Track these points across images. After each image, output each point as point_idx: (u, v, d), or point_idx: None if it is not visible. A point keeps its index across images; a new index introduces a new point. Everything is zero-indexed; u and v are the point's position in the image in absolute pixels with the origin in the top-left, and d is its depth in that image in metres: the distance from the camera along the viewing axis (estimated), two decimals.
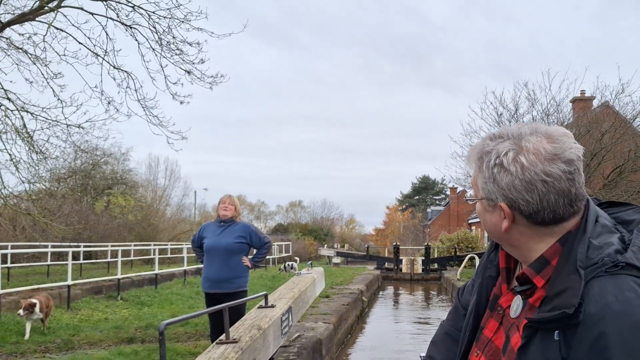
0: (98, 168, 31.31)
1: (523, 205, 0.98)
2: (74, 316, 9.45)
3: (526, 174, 0.97)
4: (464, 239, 31.66)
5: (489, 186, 1.02)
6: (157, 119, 12.41)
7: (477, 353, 1.11)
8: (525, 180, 0.98)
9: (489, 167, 1.02)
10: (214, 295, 5.46)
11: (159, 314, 9.57)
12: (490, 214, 1.06)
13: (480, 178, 1.04)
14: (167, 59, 12.03)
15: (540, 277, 0.99)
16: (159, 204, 37.53)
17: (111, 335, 7.71)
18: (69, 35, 11.92)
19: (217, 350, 4.01)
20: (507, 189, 0.99)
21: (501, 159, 1.00)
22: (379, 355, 9.91)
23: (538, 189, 0.97)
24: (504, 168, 0.99)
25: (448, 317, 1.37)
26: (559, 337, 0.90)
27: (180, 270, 18.33)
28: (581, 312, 0.87)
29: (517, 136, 1.01)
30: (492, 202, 1.03)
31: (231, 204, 5.55)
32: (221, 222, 5.52)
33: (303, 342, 7.51)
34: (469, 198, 1.18)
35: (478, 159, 1.05)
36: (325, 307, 10.98)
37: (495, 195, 1.01)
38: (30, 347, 7.02)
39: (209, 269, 5.50)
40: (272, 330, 4.98)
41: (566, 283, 0.92)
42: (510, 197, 0.99)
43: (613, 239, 0.97)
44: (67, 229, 13.06)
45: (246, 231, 5.53)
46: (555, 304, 0.91)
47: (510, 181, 0.99)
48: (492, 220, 1.05)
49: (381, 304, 18.55)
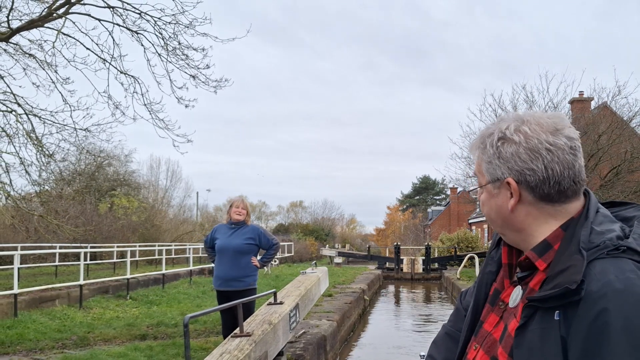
0: (102, 170, 31.62)
1: (529, 176, 1.00)
2: (86, 315, 9.78)
3: (530, 141, 1.00)
4: (464, 238, 31.98)
5: (494, 163, 1.04)
6: (163, 122, 12.70)
7: (475, 347, 1.12)
8: (529, 148, 1.00)
9: (493, 144, 1.04)
10: (225, 293, 5.77)
11: (168, 312, 9.90)
12: (495, 198, 1.06)
13: (485, 160, 1.06)
14: (173, 64, 12.32)
15: (542, 260, 1.00)
16: (161, 204, 37.82)
17: (124, 332, 8.05)
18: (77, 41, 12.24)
19: (232, 342, 4.33)
20: (513, 159, 1.01)
21: (504, 132, 1.03)
22: (381, 351, 10.24)
23: (543, 157, 0.99)
24: (507, 139, 1.02)
25: (449, 319, 1.38)
26: (559, 316, 0.90)
27: (184, 270, 18.70)
28: (583, 289, 0.88)
29: (516, 116, 1.05)
30: (497, 183, 1.04)
31: (244, 208, 5.87)
32: (232, 224, 5.84)
33: (308, 338, 7.84)
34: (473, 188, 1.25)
35: (481, 143, 1.07)
36: (328, 305, 11.30)
37: (500, 171, 1.03)
38: (48, 344, 7.34)
39: (220, 268, 5.81)
40: (281, 326, 5.30)
41: (568, 262, 0.93)
42: (516, 170, 1.01)
43: (614, 226, 0.98)
44: (78, 230, 13.38)
45: (255, 233, 5.85)
46: (557, 281, 0.92)
47: (514, 151, 1.01)
48: (498, 202, 1.05)
49: (383, 302, 18.88)
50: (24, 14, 12.35)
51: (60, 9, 12.03)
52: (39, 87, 12.63)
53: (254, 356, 4.32)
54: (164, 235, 32.13)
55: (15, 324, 8.36)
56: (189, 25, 12.03)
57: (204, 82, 12.49)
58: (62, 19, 12.11)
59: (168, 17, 11.86)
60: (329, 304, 11.47)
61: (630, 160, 17.01)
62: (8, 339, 7.44)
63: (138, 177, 36.58)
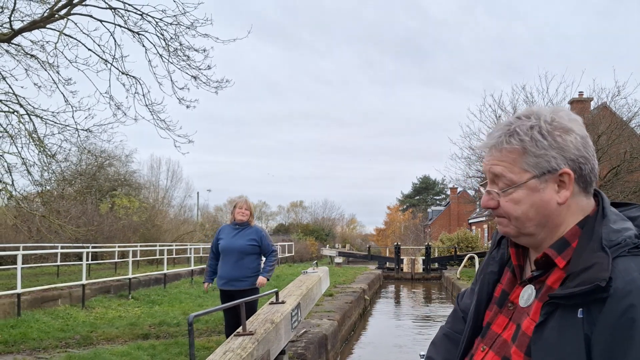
0: (102, 170, 31.69)
1: (583, 164, 1.00)
2: (89, 314, 9.85)
3: (581, 129, 1.01)
4: (464, 238, 32.06)
5: (549, 155, 1.00)
6: (164, 123, 12.75)
7: (482, 348, 1.10)
8: (581, 136, 1.01)
9: (545, 135, 1.00)
10: (229, 292, 5.85)
11: (170, 312, 9.97)
12: (540, 193, 1.02)
13: (532, 153, 1.01)
14: (174, 65, 12.36)
15: (561, 257, 1.00)
16: (161, 205, 37.90)
17: (127, 332, 8.11)
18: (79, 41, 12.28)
19: (235, 341, 4.40)
20: (567, 148, 0.99)
21: (558, 121, 1.01)
22: (381, 350, 10.30)
23: (589, 145, 1.01)
24: (564, 128, 1.00)
25: (447, 320, 1.38)
26: (583, 314, 0.90)
27: (185, 270, 18.79)
28: (611, 287, 0.88)
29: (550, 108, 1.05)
30: (546, 176, 1.01)
31: (247, 208, 5.98)
32: (236, 224, 5.92)
33: (310, 337, 7.90)
34: (506, 188, 1.04)
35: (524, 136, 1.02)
36: (329, 305, 11.36)
37: (556, 162, 1.00)
38: (52, 343, 7.40)
39: (224, 268, 5.89)
40: (283, 325, 5.36)
41: (593, 260, 0.93)
42: (572, 159, 0.99)
43: (628, 224, 0.99)
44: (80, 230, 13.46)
45: (258, 235, 5.94)
46: (583, 279, 0.91)
47: (573, 139, 1.00)
48: (545, 198, 1.02)
49: (383, 302, 18.95)
50: (26, 14, 12.40)
51: (62, 10, 12.09)
52: (40, 87, 12.67)
53: (256, 354, 4.38)
54: (165, 235, 32.21)
55: (18, 323, 8.42)
56: (190, 27, 12.08)
57: (205, 83, 12.52)
58: (63, 20, 12.16)
59: (169, 18, 11.91)
60: (330, 304, 11.53)
61: (630, 160, 17.08)
62: (12, 338, 7.50)
63: (139, 177, 36.70)
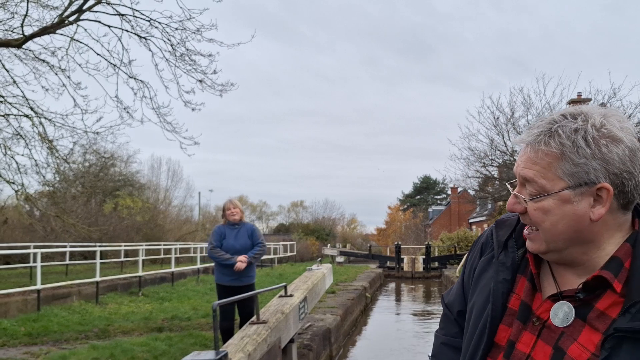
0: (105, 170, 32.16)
1: (627, 180, 0.89)
2: (103, 310, 10.33)
3: (632, 140, 0.90)
4: (464, 238, 32.57)
5: (589, 165, 0.89)
6: (170, 125, 13.19)
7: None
8: (630, 148, 0.89)
9: (590, 142, 0.89)
10: (232, 288, 6.32)
11: (180, 307, 10.44)
12: (574, 205, 0.91)
13: (572, 161, 0.90)
14: (181, 69, 12.80)
15: (617, 280, 0.89)
16: (162, 204, 38.32)
17: (141, 325, 8.59)
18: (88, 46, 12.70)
19: (251, 328, 4.86)
20: (616, 161, 0.88)
21: (608, 129, 0.89)
22: (381, 345, 10.78)
23: (637, 159, 0.90)
24: (613, 137, 0.89)
25: (440, 326, 1.28)
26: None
27: (190, 268, 19.33)
28: None
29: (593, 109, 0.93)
30: (582, 188, 0.90)
31: (235, 207, 6.47)
32: (232, 224, 6.41)
33: (315, 330, 8.38)
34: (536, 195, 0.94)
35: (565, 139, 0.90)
36: (332, 301, 11.83)
37: (595, 174, 0.89)
38: (72, 335, 7.88)
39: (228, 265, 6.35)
40: (292, 315, 5.83)
41: None
42: (615, 172, 0.88)
43: None
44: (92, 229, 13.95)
45: (250, 230, 6.53)
46: None
47: (621, 151, 0.88)
48: (578, 212, 0.91)
49: (383, 299, 19.44)
50: (36, 20, 12.85)
51: (72, 17, 12.55)
52: (47, 90, 13.11)
53: (269, 340, 4.85)
54: (167, 235, 32.65)
55: (39, 317, 8.91)
56: (196, 32, 12.52)
57: (210, 86, 12.94)
58: (73, 26, 12.60)
59: (175, 24, 12.35)
60: (333, 300, 11.99)
61: None
62: (35, 331, 7.99)
63: (140, 178, 37.14)
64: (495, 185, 22.95)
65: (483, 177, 21.65)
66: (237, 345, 4.33)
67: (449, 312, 1.25)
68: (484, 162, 20.68)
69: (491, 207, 34.01)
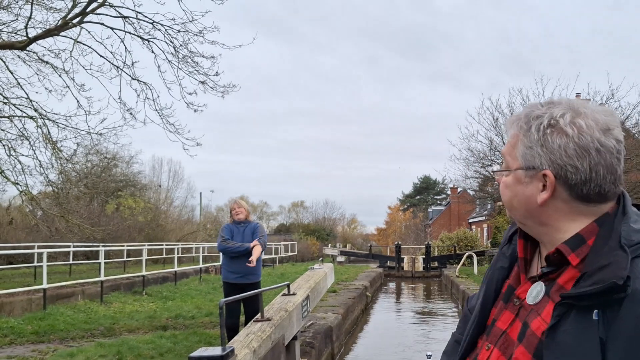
0: (108, 171, 32.29)
1: (571, 173, 0.93)
2: (108, 309, 10.49)
3: (582, 138, 0.93)
4: (463, 237, 32.74)
5: (535, 151, 0.96)
6: (173, 126, 13.30)
7: (487, 347, 1.04)
8: (580, 145, 0.93)
9: (540, 129, 0.96)
10: (239, 285, 6.46)
11: (184, 306, 10.59)
12: (524, 186, 0.99)
13: (524, 143, 0.98)
14: (183, 71, 12.91)
15: (575, 255, 0.94)
16: (164, 205, 38.43)
17: (146, 324, 8.74)
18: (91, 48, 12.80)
19: (255, 325, 5.00)
20: (558, 153, 0.94)
21: (557, 120, 0.95)
22: (382, 342, 10.93)
23: (591, 156, 0.93)
24: (559, 129, 0.95)
25: (458, 326, 1.31)
26: (598, 316, 0.85)
27: (192, 268, 19.48)
28: (629, 286, 0.83)
29: (570, 103, 0.98)
30: (531, 172, 0.97)
31: (240, 207, 6.63)
32: (239, 223, 6.55)
33: (317, 328, 8.52)
34: (499, 170, 1.06)
35: (525, 123, 0.99)
36: (333, 300, 11.97)
37: (540, 161, 0.96)
38: (79, 333, 8.04)
39: (238, 264, 6.51)
40: (295, 313, 5.97)
41: (610, 258, 0.88)
42: (559, 163, 0.94)
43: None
44: (96, 230, 14.10)
45: (255, 228, 6.68)
46: (598, 278, 0.86)
47: (564, 144, 0.94)
48: (526, 192, 0.99)
49: (384, 298, 19.59)
50: (39, 22, 12.98)
51: (75, 19, 12.68)
52: (51, 91, 13.22)
53: (274, 337, 5.00)
54: (169, 235, 32.75)
55: (45, 316, 9.07)
56: (199, 34, 12.64)
57: (212, 88, 13.06)
58: (77, 28, 12.72)
59: (178, 26, 12.45)
60: (334, 299, 12.14)
61: (624, 161, 17.66)
62: (41, 329, 8.14)
63: (142, 178, 37.25)
64: (495, 186, 23.08)
65: (482, 177, 21.79)
66: (243, 342, 4.47)
67: (468, 313, 1.28)
68: (484, 163, 20.83)
69: (490, 207, 34.16)
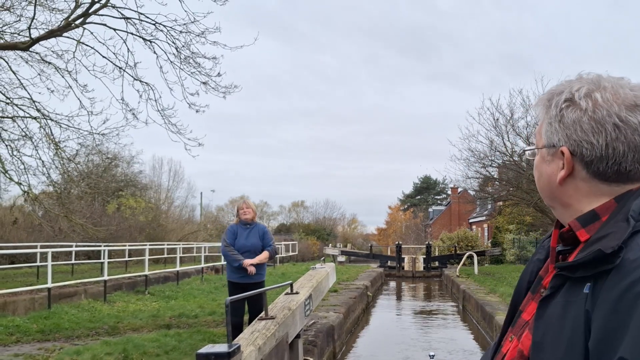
0: (109, 171, 32.38)
1: (586, 150, 0.89)
2: (111, 308, 10.58)
3: (597, 111, 0.89)
4: (464, 237, 32.84)
5: (553, 126, 0.94)
6: (175, 127, 13.39)
7: (511, 338, 1.00)
8: (595, 119, 0.89)
9: (557, 105, 0.94)
10: (243, 285, 6.55)
11: (187, 305, 10.69)
12: (547, 165, 0.97)
13: (546, 120, 0.96)
14: (185, 72, 13.01)
15: (585, 230, 0.90)
16: (164, 204, 38.51)
17: (150, 322, 8.83)
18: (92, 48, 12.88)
19: (260, 323, 5.10)
20: (573, 127, 0.91)
21: (572, 94, 0.93)
22: (383, 340, 11.03)
23: (607, 132, 0.88)
24: (574, 103, 0.92)
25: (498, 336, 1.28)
26: (589, 289, 0.81)
27: (193, 268, 19.57)
28: (620, 257, 0.79)
29: (596, 77, 0.94)
30: (552, 149, 0.95)
31: (248, 207, 6.70)
32: (245, 224, 6.63)
33: (319, 327, 8.62)
34: (528, 148, 1.04)
35: (547, 100, 0.97)
36: (334, 300, 12.07)
37: (557, 137, 0.93)
38: (83, 332, 8.14)
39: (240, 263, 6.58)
40: (298, 312, 6.07)
41: (610, 229, 0.85)
42: (574, 139, 0.91)
43: None
44: (100, 229, 14.20)
45: (262, 231, 6.72)
46: (593, 247, 0.83)
47: (577, 118, 0.90)
48: (548, 171, 0.96)
49: (384, 298, 19.70)
50: (42, 22, 13.06)
51: (78, 20, 12.77)
52: (53, 91, 13.30)
53: (278, 335, 5.09)
54: (170, 235, 32.85)
55: (50, 315, 9.17)
56: (200, 35, 12.72)
57: (213, 88, 13.13)
58: (79, 29, 12.81)
59: (180, 27, 12.53)
60: (335, 299, 12.24)
61: None
62: (47, 328, 8.24)
63: (143, 178, 37.34)
64: (495, 186, 23.19)
65: (483, 177, 21.88)
66: (248, 339, 4.57)
67: None
68: (484, 163, 20.92)
69: (491, 207, 34.27)
